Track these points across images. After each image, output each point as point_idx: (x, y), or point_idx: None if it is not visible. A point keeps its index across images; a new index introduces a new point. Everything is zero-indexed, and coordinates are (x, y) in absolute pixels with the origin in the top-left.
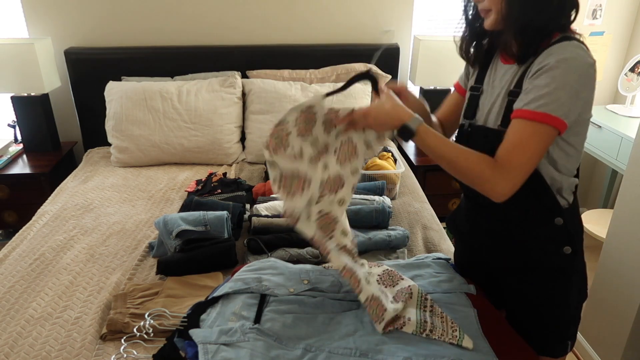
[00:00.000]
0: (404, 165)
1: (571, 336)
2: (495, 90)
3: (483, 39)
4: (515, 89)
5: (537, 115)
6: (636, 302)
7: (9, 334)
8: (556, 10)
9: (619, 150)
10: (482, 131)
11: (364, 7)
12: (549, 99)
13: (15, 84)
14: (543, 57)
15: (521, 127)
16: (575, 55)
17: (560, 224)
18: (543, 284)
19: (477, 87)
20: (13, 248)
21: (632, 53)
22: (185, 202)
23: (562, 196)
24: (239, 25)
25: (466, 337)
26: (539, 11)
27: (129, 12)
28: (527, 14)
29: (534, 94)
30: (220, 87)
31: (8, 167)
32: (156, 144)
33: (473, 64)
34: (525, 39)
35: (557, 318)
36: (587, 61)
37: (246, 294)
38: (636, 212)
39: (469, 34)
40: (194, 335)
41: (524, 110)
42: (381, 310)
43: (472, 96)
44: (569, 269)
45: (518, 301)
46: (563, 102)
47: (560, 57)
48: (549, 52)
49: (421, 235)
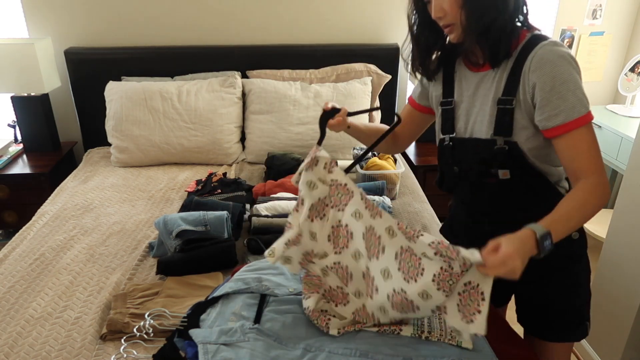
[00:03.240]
0: (404, 165)
1: (588, 317)
2: (477, 100)
3: (432, 52)
4: (504, 96)
5: (577, 122)
6: (636, 302)
7: (9, 334)
8: (513, 9)
9: (619, 150)
10: (472, 142)
11: (364, 7)
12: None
13: (15, 84)
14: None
15: (577, 137)
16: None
17: None
18: (557, 273)
19: (448, 101)
20: (13, 248)
21: (632, 53)
22: (185, 202)
23: (561, 185)
24: (239, 25)
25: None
26: (497, 13)
27: (129, 12)
28: (486, 18)
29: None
30: (220, 87)
31: (8, 167)
32: (156, 144)
33: (431, 78)
34: (491, 42)
35: (575, 302)
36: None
37: (246, 294)
38: (636, 212)
39: (418, 51)
40: (194, 335)
41: (574, 121)
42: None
43: (446, 111)
44: (578, 254)
45: (533, 297)
46: (582, 98)
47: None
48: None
49: None
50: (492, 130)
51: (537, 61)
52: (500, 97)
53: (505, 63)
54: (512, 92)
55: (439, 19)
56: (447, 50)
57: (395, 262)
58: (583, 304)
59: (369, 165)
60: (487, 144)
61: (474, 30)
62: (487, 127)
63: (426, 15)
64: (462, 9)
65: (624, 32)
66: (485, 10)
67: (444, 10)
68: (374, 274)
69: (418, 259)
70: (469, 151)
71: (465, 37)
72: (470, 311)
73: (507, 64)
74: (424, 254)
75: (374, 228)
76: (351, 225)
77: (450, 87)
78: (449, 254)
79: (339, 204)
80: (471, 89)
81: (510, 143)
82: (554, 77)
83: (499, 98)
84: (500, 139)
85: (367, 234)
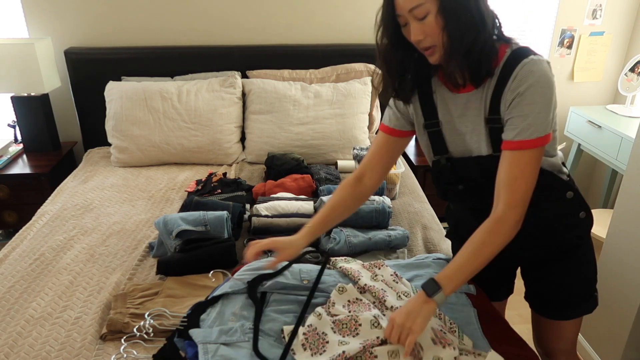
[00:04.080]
0: (404, 165)
1: (595, 289)
2: (468, 120)
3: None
4: (491, 116)
5: (530, 143)
6: (636, 302)
7: (9, 334)
8: (490, 26)
9: (619, 150)
10: (474, 160)
11: (364, 7)
12: (536, 123)
13: (15, 84)
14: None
15: (517, 158)
16: (540, 72)
17: (572, 197)
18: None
19: (434, 122)
20: (13, 248)
21: (632, 53)
22: (185, 202)
23: (561, 172)
24: (239, 25)
25: (465, 337)
26: (477, 32)
27: (128, 12)
28: (467, 38)
29: (522, 124)
30: (220, 87)
31: (8, 167)
32: (156, 144)
33: (408, 101)
34: (471, 62)
35: (586, 275)
36: (547, 68)
37: (246, 294)
38: (636, 212)
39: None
40: (194, 335)
41: (519, 142)
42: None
43: (433, 133)
44: (586, 230)
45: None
46: (547, 119)
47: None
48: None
49: (421, 235)
50: (491, 149)
51: (520, 78)
52: (488, 117)
53: (488, 81)
54: (498, 111)
55: (418, 42)
56: (418, 70)
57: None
58: (593, 276)
59: None
60: (490, 159)
61: (457, 52)
62: (486, 146)
63: (398, 38)
64: (443, 30)
65: (624, 32)
66: (466, 30)
67: (424, 33)
68: None
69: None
70: (471, 168)
71: (449, 59)
72: None
73: (490, 82)
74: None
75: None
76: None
77: (431, 108)
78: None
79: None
80: (459, 109)
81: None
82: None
83: (486, 118)
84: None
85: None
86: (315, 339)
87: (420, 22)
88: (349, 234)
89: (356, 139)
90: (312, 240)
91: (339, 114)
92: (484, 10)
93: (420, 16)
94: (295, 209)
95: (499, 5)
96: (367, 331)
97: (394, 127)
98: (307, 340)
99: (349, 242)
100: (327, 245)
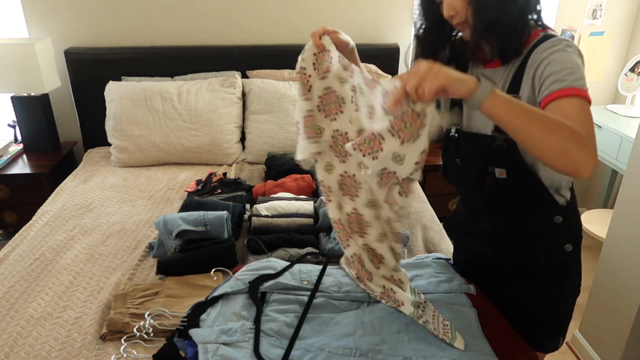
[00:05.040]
0: None
1: (563, 332)
2: None
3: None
4: (508, 93)
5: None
6: (636, 302)
7: (9, 334)
8: (522, 7)
9: (619, 150)
10: (474, 137)
11: (364, 7)
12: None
13: (15, 84)
14: (537, 55)
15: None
16: (564, 43)
17: (560, 222)
18: (542, 282)
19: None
20: (13, 248)
21: (632, 53)
22: (185, 202)
23: (560, 194)
24: (239, 25)
25: (458, 338)
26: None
27: (128, 12)
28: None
29: (555, 77)
30: (220, 87)
31: (8, 167)
32: (156, 144)
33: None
34: (498, 39)
35: (551, 314)
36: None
37: (246, 294)
38: (636, 212)
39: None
40: (194, 335)
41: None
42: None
43: (453, 101)
44: (569, 266)
45: (515, 299)
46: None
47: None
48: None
49: (421, 235)
50: (492, 126)
51: (541, 52)
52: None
53: (514, 61)
54: (516, 89)
55: (451, 17)
56: (457, 50)
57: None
58: (562, 317)
59: None
60: (488, 140)
61: (479, 28)
62: (490, 122)
63: (435, 17)
64: (469, 5)
65: (624, 32)
66: (491, 7)
67: (455, 9)
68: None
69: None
70: (471, 145)
71: (471, 34)
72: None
73: (516, 62)
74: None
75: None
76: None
77: None
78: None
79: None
80: None
81: (509, 141)
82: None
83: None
84: (500, 137)
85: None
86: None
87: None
88: None
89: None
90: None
91: None
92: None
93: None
94: (295, 209)
95: None
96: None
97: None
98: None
99: None
100: (327, 245)
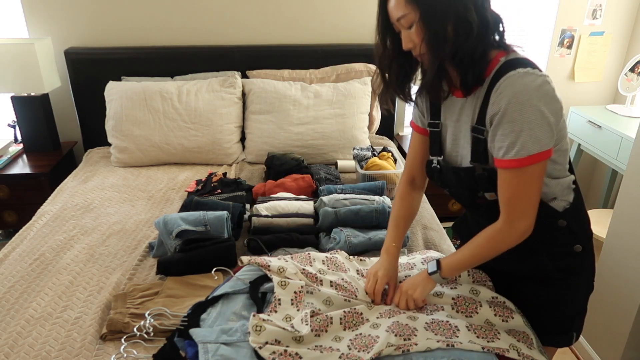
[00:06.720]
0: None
1: (577, 328)
2: (462, 126)
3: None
4: (477, 125)
5: (521, 162)
6: (636, 302)
7: (9, 334)
8: (478, 33)
9: (619, 150)
10: (454, 170)
11: (364, 7)
12: (522, 142)
13: (15, 84)
14: (495, 97)
15: (511, 177)
16: (522, 88)
17: (564, 225)
18: (552, 284)
19: (435, 123)
20: (13, 248)
21: (632, 53)
22: (185, 202)
23: (561, 199)
24: (239, 25)
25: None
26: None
27: (129, 12)
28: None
29: (507, 142)
30: (220, 87)
31: (8, 167)
32: (156, 144)
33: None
34: (460, 69)
35: (565, 311)
36: (536, 83)
37: (247, 294)
38: (636, 212)
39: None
40: (194, 334)
41: (507, 161)
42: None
43: (433, 133)
44: (580, 266)
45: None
46: (536, 136)
47: (509, 98)
48: (498, 91)
49: (421, 235)
50: (469, 157)
51: (499, 93)
52: (474, 126)
53: (479, 90)
54: (484, 122)
55: (410, 49)
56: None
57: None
58: (574, 315)
59: (369, 165)
60: (468, 171)
61: (433, 61)
62: (467, 154)
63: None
64: (422, 40)
65: (624, 32)
66: (443, 40)
67: (412, 42)
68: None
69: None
70: (452, 178)
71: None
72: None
73: (480, 91)
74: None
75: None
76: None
77: (436, 109)
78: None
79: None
80: (455, 114)
81: (488, 170)
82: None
83: (472, 126)
84: (479, 166)
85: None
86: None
87: (408, 31)
88: (349, 234)
89: (356, 139)
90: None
91: (339, 114)
92: (473, 18)
93: (407, 25)
94: (296, 209)
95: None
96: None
97: (422, 125)
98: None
99: (349, 242)
100: (327, 245)
